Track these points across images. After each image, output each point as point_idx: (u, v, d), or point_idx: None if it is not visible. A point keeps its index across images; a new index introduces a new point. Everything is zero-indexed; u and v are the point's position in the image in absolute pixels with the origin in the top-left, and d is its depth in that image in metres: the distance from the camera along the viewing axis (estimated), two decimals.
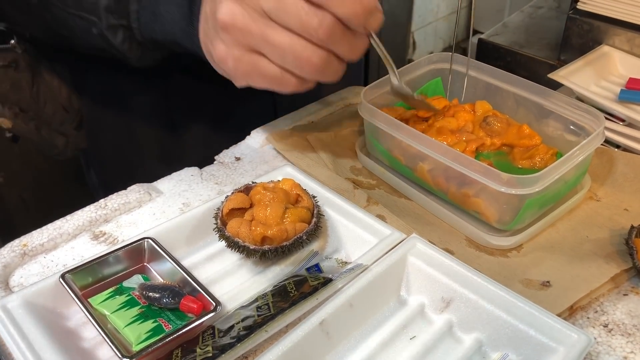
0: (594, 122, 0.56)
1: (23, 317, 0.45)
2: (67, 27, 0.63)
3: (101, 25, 0.59)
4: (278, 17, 0.47)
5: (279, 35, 0.47)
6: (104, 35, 0.60)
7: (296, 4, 0.46)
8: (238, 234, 0.50)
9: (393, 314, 0.47)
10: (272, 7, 0.47)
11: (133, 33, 0.60)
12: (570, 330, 0.41)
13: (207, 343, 0.42)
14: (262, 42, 0.48)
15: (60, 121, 0.89)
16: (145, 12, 0.58)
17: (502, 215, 0.52)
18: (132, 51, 0.61)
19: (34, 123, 0.88)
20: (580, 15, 0.86)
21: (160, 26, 0.58)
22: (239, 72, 0.51)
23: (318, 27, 0.46)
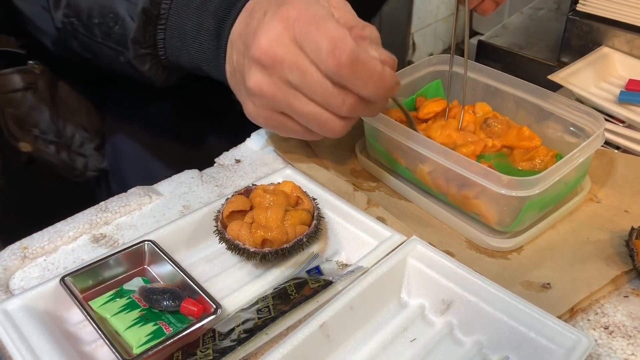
0: (594, 123, 0.56)
1: (23, 320, 0.45)
2: (92, 53, 0.64)
3: (129, 55, 0.60)
4: (304, 89, 0.49)
5: (303, 105, 0.50)
6: (132, 64, 0.61)
7: (320, 83, 0.48)
8: (238, 237, 0.50)
9: (393, 317, 0.47)
10: (297, 80, 0.49)
11: (160, 60, 0.61)
12: (571, 332, 0.41)
13: (208, 346, 0.42)
14: (289, 109, 0.51)
15: (79, 142, 0.89)
16: (171, 41, 0.59)
17: (503, 217, 0.52)
18: (158, 76, 0.62)
19: (54, 146, 0.88)
20: (580, 16, 0.86)
21: (186, 54, 0.59)
22: (269, 127, 0.55)
23: (341, 105, 0.49)
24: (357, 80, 0.48)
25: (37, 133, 0.87)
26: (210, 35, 0.56)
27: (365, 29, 0.50)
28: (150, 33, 0.59)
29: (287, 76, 0.49)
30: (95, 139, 0.90)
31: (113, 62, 0.63)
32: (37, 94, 0.84)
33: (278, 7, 0.50)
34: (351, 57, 0.46)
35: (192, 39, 0.58)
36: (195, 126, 0.84)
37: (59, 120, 0.87)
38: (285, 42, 0.48)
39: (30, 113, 0.85)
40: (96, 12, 0.60)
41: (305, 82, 0.48)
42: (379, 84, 0.48)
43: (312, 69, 0.48)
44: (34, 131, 0.87)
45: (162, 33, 0.59)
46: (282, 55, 0.48)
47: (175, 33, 0.58)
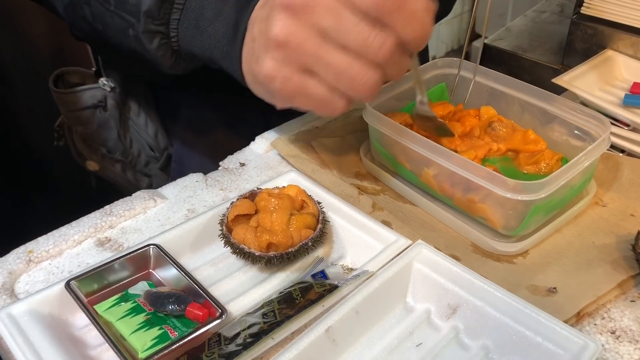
0: (600, 127, 0.56)
1: (29, 324, 0.45)
2: (103, 23, 0.62)
3: (138, 28, 0.58)
4: (337, 36, 0.46)
5: (335, 55, 0.46)
6: (139, 39, 0.59)
7: (358, 24, 0.45)
8: (244, 241, 0.50)
9: (399, 321, 0.47)
10: (331, 25, 0.45)
11: (170, 42, 0.59)
12: (578, 337, 0.41)
13: (213, 350, 0.42)
14: (316, 61, 0.47)
15: (145, 161, 0.89)
16: (186, 24, 0.57)
17: (508, 221, 0.52)
18: (165, 59, 0.60)
19: (120, 165, 0.89)
20: (584, 19, 0.86)
21: (199, 41, 0.57)
22: (285, 92, 0.49)
23: (379, 48, 0.46)
24: (400, 17, 0.45)
25: (104, 152, 0.87)
26: (228, 24, 0.54)
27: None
28: (166, 10, 0.56)
29: (320, 21, 0.45)
30: (161, 158, 0.89)
31: (121, 35, 0.60)
32: (106, 111, 0.84)
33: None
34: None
35: (208, 25, 0.56)
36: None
37: (126, 139, 0.87)
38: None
39: (99, 131, 0.85)
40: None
41: (340, 26, 0.45)
42: (422, 23, 0.45)
43: (347, 11, 0.45)
44: (102, 150, 0.87)
45: (178, 13, 0.56)
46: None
47: (191, 16, 0.56)
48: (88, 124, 0.84)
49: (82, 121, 0.84)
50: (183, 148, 0.87)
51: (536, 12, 1.11)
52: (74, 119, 0.85)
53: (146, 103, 0.89)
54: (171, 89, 0.87)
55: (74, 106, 0.83)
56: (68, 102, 0.82)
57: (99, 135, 0.86)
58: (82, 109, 0.83)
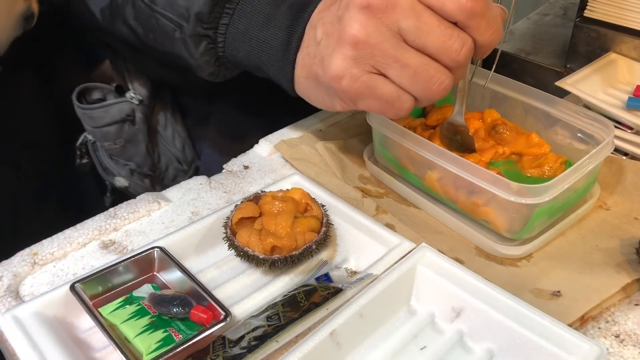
0: (604, 130, 0.56)
1: (34, 326, 0.45)
2: (146, 25, 0.61)
3: (186, 31, 0.57)
4: (417, 37, 0.46)
5: (412, 56, 0.46)
6: (186, 42, 0.58)
7: (440, 25, 0.45)
8: (248, 244, 0.50)
9: (403, 324, 0.47)
10: (411, 26, 0.45)
11: (216, 47, 0.58)
12: (583, 341, 0.41)
13: (218, 353, 0.42)
14: (392, 61, 0.47)
15: (173, 176, 0.89)
16: (234, 29, 0.56)
17: (512, 225, 0.52)
18: (208, 64, 0.59)
19: (148, 180, 0.88)
20: (587, 22, 0.86)
21: (247, 47, 0.56)
22: (352, 92, 0.49)
23: (459, 50, 0.46)
24: (484, 20, 0.45)
25: (132, 167, 0.86)
26: (280, 30, 0.54)
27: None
28: (216, 14, 0.55)
29: (400, 22, 0.45)
30: (189, 171, 0.89)
31: (165, 37, 0.59)
32: (134, 125, 0.83)
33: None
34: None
35: (258, 31, 0.55)
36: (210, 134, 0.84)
37: (154, 153, 0.86)
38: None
39: (127, 146, 0.84)
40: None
41: (421, 27, 0.45)
42: (499, 30, 0.46)
43: (429, 12, 0.45)
44: (130, 165, 0.86)
45: (227, 18, 0.56)
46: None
47: (241, 21, 0.55)
48: (116, 139, 0.83)
49: (110, 136, 0.83)
50: (212, 156, 0.86)
51: (539, 14, 1.11)
52: (101, 135, 0.84)
53: (172, 115, 0.89)
54: (199, 97, 0.86)
55: (102, 121, 0.82)
56: (95, 118, 0.82)
57: (127, 150, 0.85)
58: (109, 124, 0.82)
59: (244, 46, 0.56)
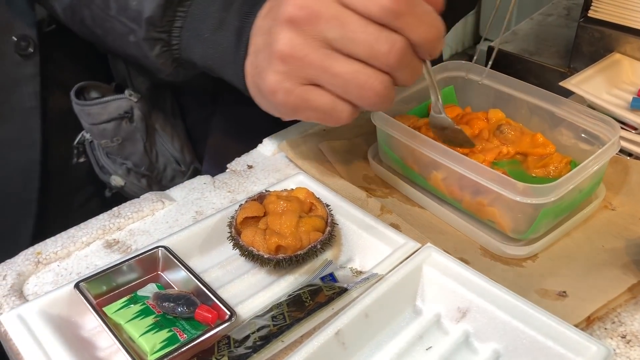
0: (609, 130, 0.55)
1: (38, 325, 0.45)
2: (103, 28, 0.61)
3: (139, 35, 0.57)
4: (344, 45, 0.45)
5: (341, 65, 0.45)
6: (140, 45, 0.58)
7: (365, 30, 0.44)
8: (252, 243, 0.50)
9: (409, 324, 0.47)
10: (337, 35, 0.45)
11: (171, 50, 0.58)
12: (589, 341, 0.41)
13: (223, 353, 0.42)
14: (322, 72, 0.46)
15: (171, 176, 0.88)
16: (188, 32, 0.56)
17: (517, 225, 0.52)
18: (165, 66, 0.59)
19: (146, 180, 0.87)
20: (591, 23, 0.86)
21: (201, 50, 0.56)
22: (288, 106, 0.49)
23: (388, 52, 0.44)
24: (410, 19, 0.44)
25: (129, 165, 0.85)
26: (231, 33, 0.54)
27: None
28: (169, 17, 0.56)
29: (325, 32, 0.45)
30: (188, 172, 0.88)
31: (122, 40, 0.60)
32: (133, 123, 0.82)
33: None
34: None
35: (211, 34, 0.55)
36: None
37: (152, 152, 0.85)
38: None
39: (124, 144, 0.83)
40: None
41: (346, 34, 0.44)
42: (434, 25, 0.45)
43: (354, 17, 0.44)
44: (127, 164, 0.84)
45: (180, 21, 0.56)
46: (318, 8, 0.44)
47: (193, 24, 0.56)
48: (113, 137, 0.82)
49: (107, 134, 0.82)
50: (214, 157, 0.85)
51: (542, 15, 1.11)
52: (98, 132, 0.82)
53: (173, 114, 0.88)
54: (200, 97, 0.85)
55: (99, 118, 0.81)
56: (93, 114, 0.81)
57: (124, 149, 0.83)
58: (107, 121, 0.81)
59: (198, 48, 0.56)
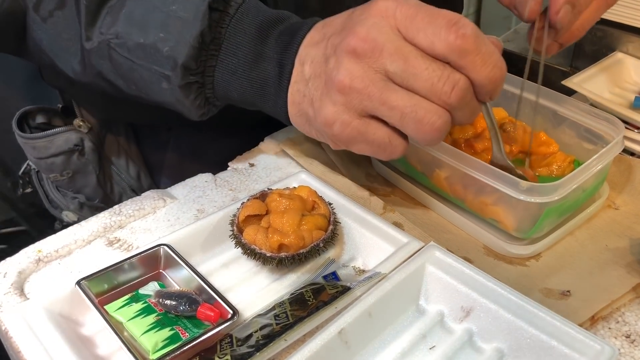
0: (613, 129, 0.55)
1: (39, 323, 0.44)
2: (127, 77, 0.57)
3: (175, 82, 0.53)
4: (405, 79, 0.44)
5: (400, 97, 0.45)
6: (175, 92, 0.54)
7: (428, 67, 0.43)
8: (255, 241, 0.49)
9: (412, 323, 0.46)
10: (399, 69, 0.44)
11: (205, 90, 0.55)
12: (594, 341, 0.41)
13: (226, 352, 0.42)
14: (380, 104, 0.45)
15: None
16: (222, 70, 0.53)
17: (521, 224, 0.52)
18: (199, 108, 0.56)
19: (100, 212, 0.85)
20: None
21: (237, 85, 0.54)
22: (343, 137, 0.48)
23: (450, 91, 0.44)
24: (478, 57, 0.43)
25: (82, 200, 0.80)
26: (271, 65, 0.52)
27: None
28: (202, 58, 0.52)
29: (386, 65, 0.44)
30: None
31: (151, 89, 0.55)
32: (83, 155, 0.77)
33: (369, 5, 0.46)
34: (475, 31, 0.42)
35: (248, 68, 0.53)
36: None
37: (106, 184, 0.81)
38: (385, 30, 0.44)
39: (75, 177, 0.78)
40: (143, 31, 0.53)
41: (408, 70, 0.44)
42: (497, 64, 0.44)
43: (416, 54, 0.44)
44: (79, 197, 0.80)
45: (214, 59, 0.53)
46: (382, 42, 0.44)
47: (228, 60, 0.53)
48: (62, 171, 0.77)
49: (55, 168, 0.76)
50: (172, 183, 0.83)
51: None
52: (46, 166, 0.77)
53: (127, 141, 0.82)
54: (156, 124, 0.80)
55: (46, 152, 0.75)
56: (38, 148, 0.75)
57: (75, 182, 0.78)
58: (55, 155, 0.75)
59: (235, 84, 0.54)
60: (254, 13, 0.53)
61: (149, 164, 0.84)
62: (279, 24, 0.53)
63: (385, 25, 0.44)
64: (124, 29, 0.54)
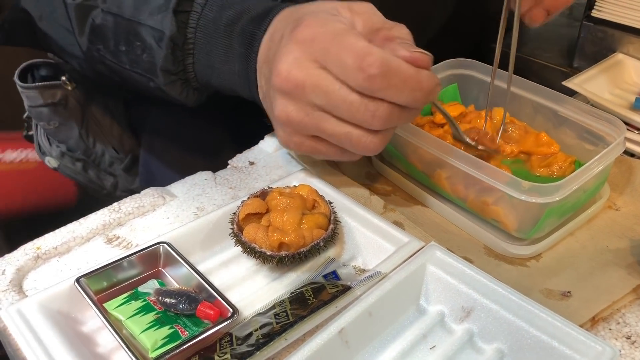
0: (614, 130, 0.55)
1: (37, 321, 0.44)
2: (121, 77, 0.63)
3: (159, 82, 0.59)
4: (331, 110, 0.48)
5: (333, 126, 0.48)
6: (162, 90, 0.60)
7: (345, 99, 0.46)
8: (255, 240, 0.49)
9: (412, 323, 0.46)
10: (323, 102, 0.47)
11: (190, 83, 0.60)
12: (595, 342, 0.41)
13: (225, 350, 0.42)
14: (319, 131, 0.49)
15: (109, 161, 0.88)
16: (200, 65, 0.58)
17: (522, 224, 0.52)
18: (189, 98, 0.61)
19: (81, 163, 0.87)
20: (594, 22, 0.86)
21: (216, 79, 0.58)
22: (302, 152, 0.54)
23: (372, 118, 0.47)
24: (390, 90, 0.45)
25: (63, 149, 0.86)
26: (239, 59, 0.55)
27: (393, 29, 0.49)
28: (179, 59, 0.57)
29: (312, 99, 0.48)
30: (126, 160, 0.88)
31: (142, 86, 0.61)
32: (67, 110, 0.82)
33: (293, 29, 0.48)
34: (382, 67, 0.44)
35: (222, 63, 0.56)
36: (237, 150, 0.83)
37: (88, 138, 0.86)
38: (304, 64, 0.47)
39: (60, 128, 0.84)
40: (122, 40, 0.59)
41: (330, 102, 0.47)
42: (415, 88, 0.46)
43: (335, 87, 0.46)
44: (61, 147, 0.86)
45: (191, 57, 0.57)
46: (302, 78, 0.47)
47: (203, 57, 0.57)
48: (49, 120, 0.83)
49: (44, 117, 0.83)
50: (150, 154, 0.86)
51: None
52: (36, 114, 0.84)
53: (115, 106, 0.88)
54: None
55: (35, 102, 0.81)
56: (30, 97, 0.81)
57: (59, 133, 0.85)
58: (43, 106, 0.82)
59: (214, 78, 0.58)
60: (219, 7, 0.56)
61: (133, 128, 0.89)
62: (244, 14, 0.55)
63: (305, 58, 0.47)
64: (106, 39, 0.59)
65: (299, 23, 0.48)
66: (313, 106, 0.48)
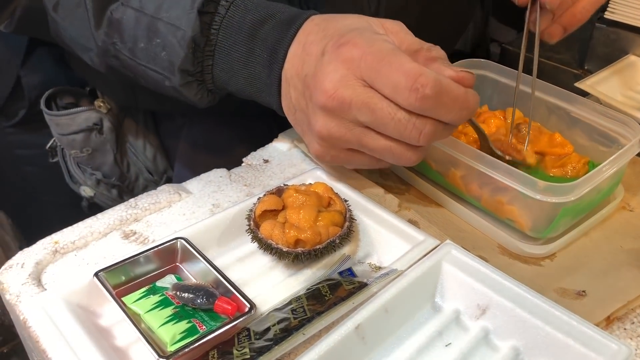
0: (629, 131, 0.55)
1: (57, 314, 0.45)
2: (135, 73, 0.61)
3: (175, 82, 0.58)
4: (376, 127, 0.48)
5: (375, 141, 0.49)
6: (177, 89, 0.59)
7: (394, 116, 0.47)
8: (271, 236, 0.50)
9: (428, 320, 0.46)
10: (368, 119, 0.48)
11: (206, 84, 0.59)
12: (611, 341, 0.41)
13: (244, 345, 0.42)
14: (360, 146, 0.50)
15: (143, 186, 0.87)
16: (219, 67, 0.57)
17: (536, 224, 0.52)
18: (202, 100, 0.60)
19: (117, 190, 0.87)
20: (607, 24, 0.86)
21: (234, 82, 0.57)
22: (335, 163, 0.55)
23: (418, 136, 0.48)
24: (440, 109, 0.46)
25: (99, 176, 0.85)
26: (261, 65, 0.55)
27: (432, 50, 0.50)
28: (199, 60, 0.56)
29: (356, 116, 0.48)
30: (160, 182, 0.88)
31: (156, 85, 0.60)
32: (102, 134, 0.81)
33: (337, 47, 0.48)
34: (435, 88, 0.45)
35: (242, 66, 0.56)
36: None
37: (123, 163, 0.85)
38: (350, 83, 0.47)
39: (94, 155, 0.82)
40: (142, 36, 0.57)
41: (377, 120, 0.47)
42: (463, 107, 0.47)
43: (382, 105, 0.47)
44: (97, 174, 0.84)
45: (210, 59, 0.57)
46: (349, 97, 0.47)
47: (223, 60, 0.56)
48: (82, 148, 0.81)
49: (76, 145, 0.81)
50: (184, 169, 0.84)
51: None
52: (67, 143, 0.82)
53: (145, 124, 0.87)
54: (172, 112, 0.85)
55: (67, 129, 0.80)
56: (61, 125, 0.80)
57: (94, 160, 0.83)
58: (75, 132, 0.80)
59: (232, 81, 0.58)
60: (243, 10, 0.55)
61: (165, 146, 0.88)
62: (269, 20, 0.55)
63: (351, 77, 0.48)
64: (124, 34, 0.58)
65: (343, 41, 0.48)
66: (356, 123, 0.49)
